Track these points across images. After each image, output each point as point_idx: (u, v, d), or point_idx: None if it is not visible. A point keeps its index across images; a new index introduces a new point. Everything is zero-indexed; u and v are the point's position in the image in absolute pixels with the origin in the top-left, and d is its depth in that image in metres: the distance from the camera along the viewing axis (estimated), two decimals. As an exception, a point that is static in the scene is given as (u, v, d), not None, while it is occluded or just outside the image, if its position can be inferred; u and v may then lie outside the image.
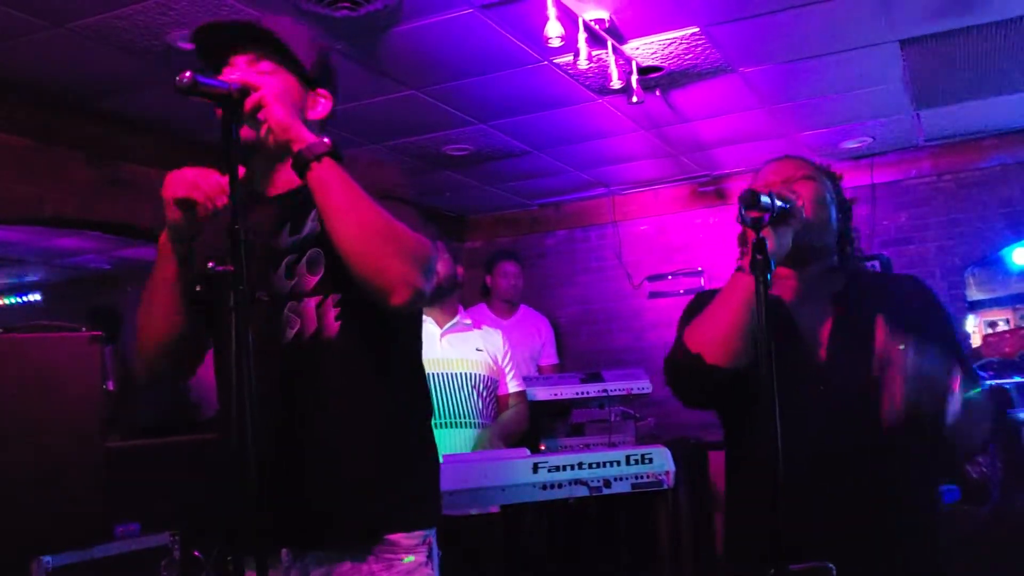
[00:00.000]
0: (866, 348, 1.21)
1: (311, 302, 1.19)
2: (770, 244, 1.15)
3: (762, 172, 1.38)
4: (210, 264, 1.01)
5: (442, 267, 2.52)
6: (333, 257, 1.16)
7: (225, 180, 1.04)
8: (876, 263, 3.70)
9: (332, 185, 1.09)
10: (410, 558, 1.16)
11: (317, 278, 1.19)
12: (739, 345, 1.21)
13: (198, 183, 1.10)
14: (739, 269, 1.23)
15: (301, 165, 1.10)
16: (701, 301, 1.38)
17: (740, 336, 1.21)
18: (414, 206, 1.20)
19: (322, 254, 1.18)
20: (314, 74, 1.25)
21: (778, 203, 1.16)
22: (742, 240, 1.29)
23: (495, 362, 2.60)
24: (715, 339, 1.23)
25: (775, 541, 0.99)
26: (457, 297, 2.69)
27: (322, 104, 1.27)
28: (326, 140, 1.11)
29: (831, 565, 1.00)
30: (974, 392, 1.17)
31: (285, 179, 1.24)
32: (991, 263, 4.48)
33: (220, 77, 1.09)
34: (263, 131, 1.11)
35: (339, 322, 1.18)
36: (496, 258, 3.86)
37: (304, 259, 1.20)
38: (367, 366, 1.20)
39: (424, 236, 1.15)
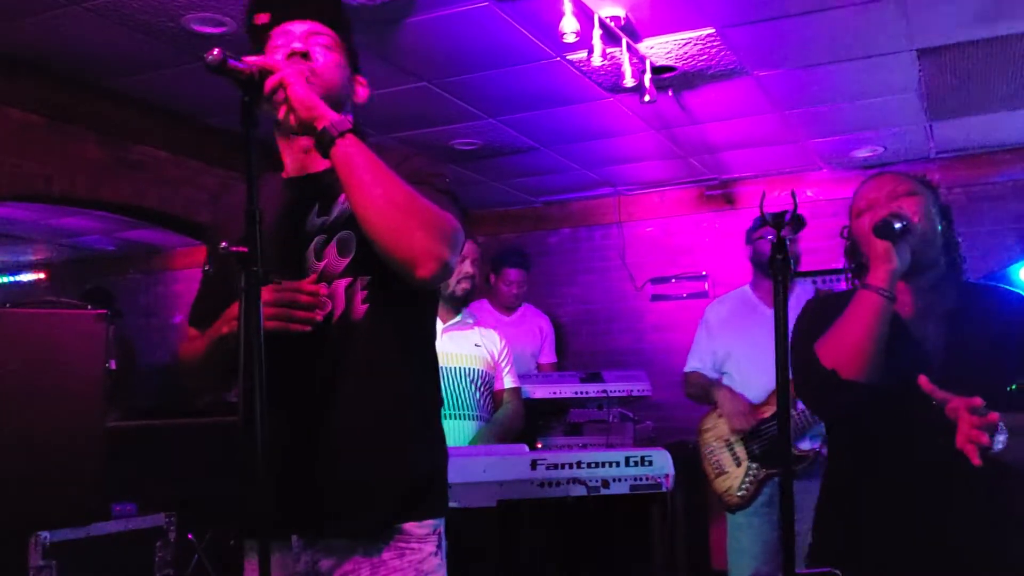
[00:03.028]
0: (981, 367, 1.25)
1: (341, 284, 1.18)
2: (894, 260, 1.26)
3: (863, 189, 1.40)
4: (223, 244, 1.00)
5: (471, 268, 2.55)
6: (365, 239, 1.15)
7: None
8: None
9: (356, 161, 1.09)
10: (424, 543, 1.16)
11: (348, 260, 1.18)
12: (873, 359, 1.26)
13: (292, 314, 1.12)
14: (864, 286, 1.29)
15: (325, 142, 1.09)
16: (820, 312, 1.40)
17: (874, 350, 1.26)
18: (450, 194, 1.19)
19: (353, 236, 1.18)
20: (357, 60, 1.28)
21: (900, 224, 1.24)
22: (854, 257, 1.33)
23: (492, 358, 2.61)
24: (849, 354, 1.27)
25: (787, 546, 1.00)
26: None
27: (362, 90, 1.29)
28: (349, 117, 1.11)
29: (838, 572, 1.01)
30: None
31: (311, 161, 1.24)
32: (999, 279, 4.46)
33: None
34: (282, 112, 1.10)
35: (366, 305, 1.17)
36: (503, 262, 3.72)
37: (334, 241, 1.19)
38: (390, 352, 1.19)
39: (451, 215, 1.14)
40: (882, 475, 1.25)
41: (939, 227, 1.37)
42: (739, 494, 2.62)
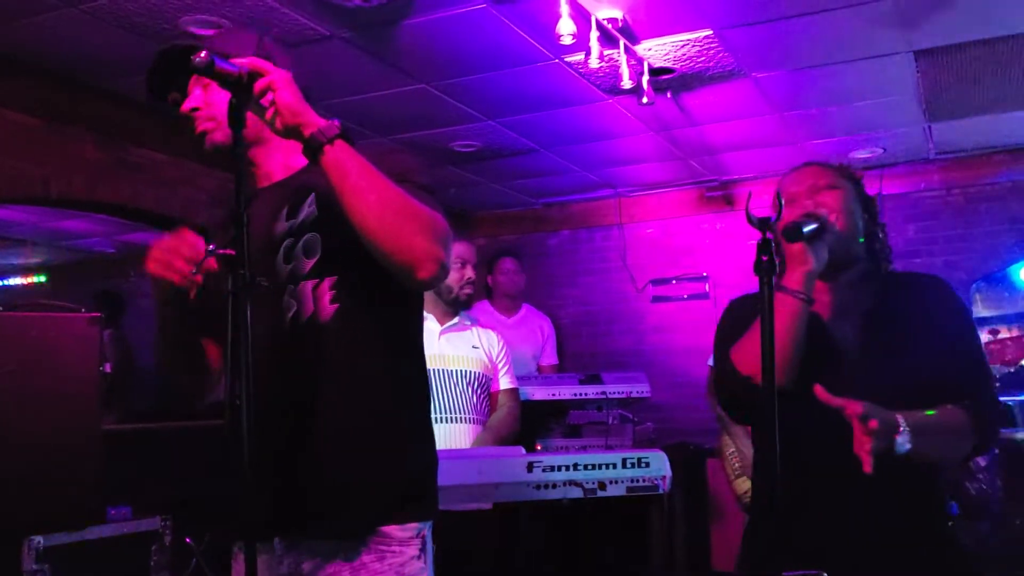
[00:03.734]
0: (897, 366, 1.22)
1: (307, 285, 1.18)
2: (809, 261, 1.21)
3: (785, 182, 1.36)
4: (211, 246, 1.00)
5: (472, 273, 2.55)
6: (330, 241, 1.16)
7: (201, 246, 1.06)
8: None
9: (348, 167, 1.08)
10: (405, 546, 1.15)
11: (313, 261, 1.19)
12: (789, 364, 1.21)
13: (172, 262, 1.08)
14: (780, 289, 1.22)
15: (314, 149, 1.09)
16: (736, 314, 1.35)
17: (789, 355, 1.21)
18: (430, 191, 1.20)
19: (319, 238, 1.18)
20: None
21: (812, 225, 1.19)
22: (767, 262, 1.29)
23: (490, 359, 2.61)
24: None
25: (781, 548, 0.99)
26: None
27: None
28: (336, 122, 1.10)
29: (825, 574, 1.00)
30: (931, 413, 1.15)
31: (281, 166, 1.26)
32: (998, 280, 4.46)
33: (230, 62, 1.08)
34: (269, 115, 1.10)
35: (335, 305, 1.17)
36: (495, 256, 3.83)
37: (300, 243, 1.19)
38: (363, 351, 1.19)
39: (440, 214, 1.15)
40: (803, 477, 1.20)
41: (860, 221, 1.31)
42: None
